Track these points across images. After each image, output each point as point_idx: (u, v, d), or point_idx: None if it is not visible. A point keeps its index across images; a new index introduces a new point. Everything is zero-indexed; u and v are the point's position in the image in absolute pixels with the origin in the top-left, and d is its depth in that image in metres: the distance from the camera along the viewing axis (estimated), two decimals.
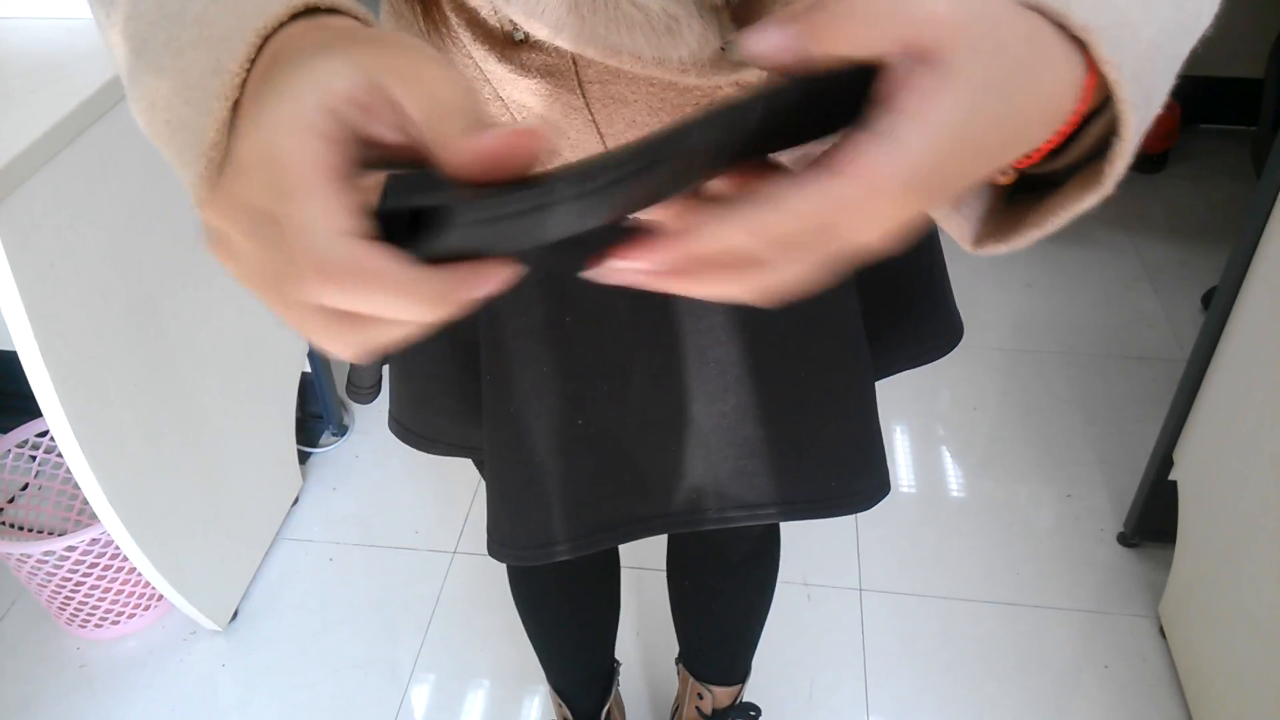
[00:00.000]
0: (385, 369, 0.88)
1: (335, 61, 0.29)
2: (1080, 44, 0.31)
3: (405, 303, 0.28)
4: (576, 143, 0.57)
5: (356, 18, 0.36)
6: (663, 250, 0.30)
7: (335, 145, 0.29)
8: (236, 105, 0.33)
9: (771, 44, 0.30)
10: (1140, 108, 0.33)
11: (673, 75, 0.49)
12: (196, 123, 0.33)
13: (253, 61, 0.33)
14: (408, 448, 0.84)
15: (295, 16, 0.34)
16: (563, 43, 0.47)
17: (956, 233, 0.40)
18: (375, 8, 0.53)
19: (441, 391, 0.79)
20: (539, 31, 0.47)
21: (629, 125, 0.56)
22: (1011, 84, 0.29)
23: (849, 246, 0.30)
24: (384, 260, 0.28)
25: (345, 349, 0.31)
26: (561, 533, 0.77)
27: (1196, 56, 0.36)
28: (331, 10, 0.35)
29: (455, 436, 0.81)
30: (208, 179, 0.33)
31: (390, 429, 0.85)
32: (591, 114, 0.55)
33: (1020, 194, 0.39)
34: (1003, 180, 0.39)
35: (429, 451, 0.82)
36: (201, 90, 0.33)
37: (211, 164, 0.33)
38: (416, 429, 0.82)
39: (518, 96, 0.55)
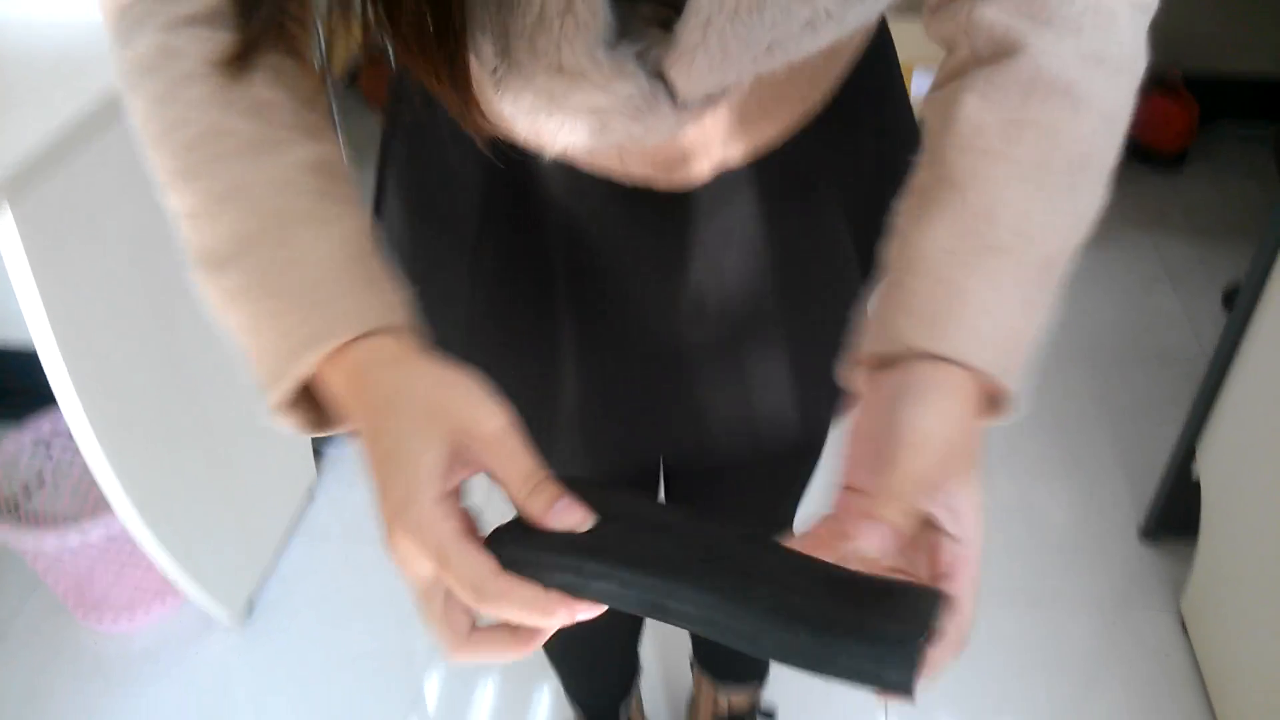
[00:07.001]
0: None
1: (432, 451, 0.46)
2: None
3: (535, 615, 0.44)
4: None
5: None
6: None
7: (455, 512, 0.46)
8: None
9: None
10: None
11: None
12: (280, 365, 0.52)
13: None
14: None
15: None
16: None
17: None
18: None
19: None
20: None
21: None
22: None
23: None
24: (524, 589, 0.43)
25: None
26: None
27: (1216, 54, 0.36)
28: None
29: None
30: (280, 401, 0.52)
31: None
32: None
33: None
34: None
35: None
36: (291, 354, 0.52)
37: (286, 394, 0.52)
38: None
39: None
